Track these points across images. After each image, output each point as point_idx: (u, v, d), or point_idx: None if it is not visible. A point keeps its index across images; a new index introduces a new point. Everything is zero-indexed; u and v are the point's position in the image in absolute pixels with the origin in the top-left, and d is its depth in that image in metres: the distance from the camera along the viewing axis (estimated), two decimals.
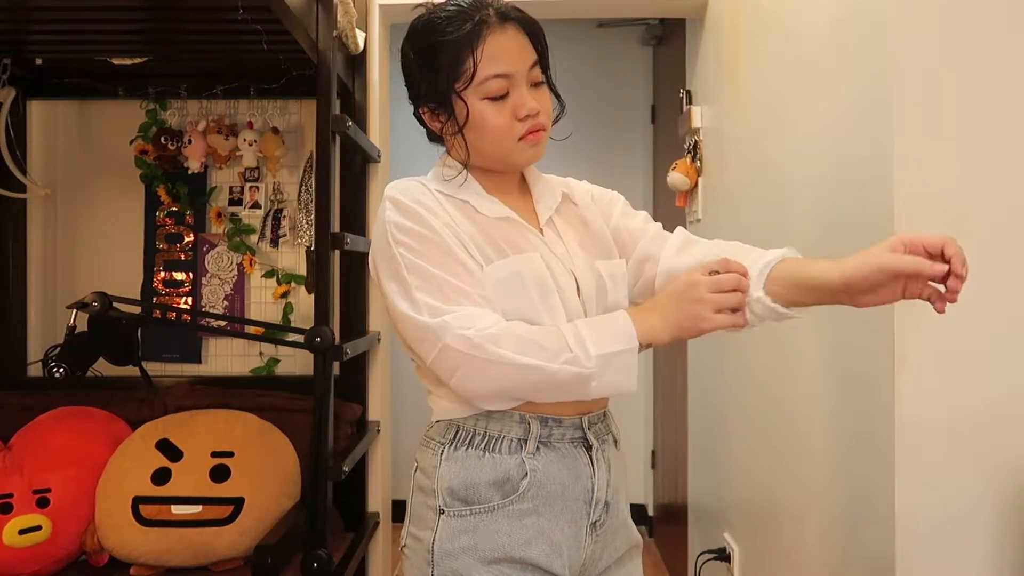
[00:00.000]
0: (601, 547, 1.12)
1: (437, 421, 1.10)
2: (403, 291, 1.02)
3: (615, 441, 1.16)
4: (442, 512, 1.05)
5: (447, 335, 0.98)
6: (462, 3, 1.07)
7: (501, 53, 1.05)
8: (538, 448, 1.06)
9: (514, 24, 1.07)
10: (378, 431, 2.33)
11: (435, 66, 1.06)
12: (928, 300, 0.95)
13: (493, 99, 1.06)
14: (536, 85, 1.09)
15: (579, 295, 1.10)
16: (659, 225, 1.23)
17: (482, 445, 1.05)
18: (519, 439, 1.05)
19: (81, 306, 2.10)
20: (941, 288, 0.93)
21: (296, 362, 2.52)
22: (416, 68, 1.10)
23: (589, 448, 1.09)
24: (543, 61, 1.10)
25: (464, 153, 1.09)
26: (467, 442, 1.06)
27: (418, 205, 1.05)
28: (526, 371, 0.97)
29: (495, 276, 1.04)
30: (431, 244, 1.03)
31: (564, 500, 1.07)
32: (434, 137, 1.16)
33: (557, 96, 1.14)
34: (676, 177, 2.36)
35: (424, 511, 1.07)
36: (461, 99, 1.06)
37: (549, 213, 1.15)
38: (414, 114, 1.15)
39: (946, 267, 0.90)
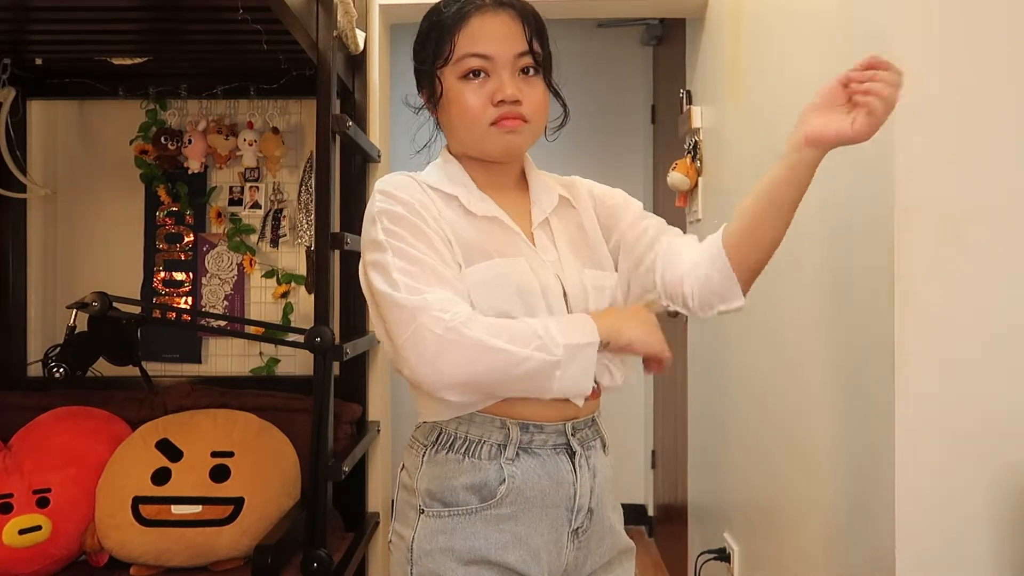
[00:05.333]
0: (584, 553, 1.10)
1: (423, 422, 1.10)
2: (385, 274, 1.01)
3: (604, 446, 1.14)
4: (422, 512, 1.05)
5: (423, 315, 0.97)
6: None
7: (483, 34, 1.04)
8: (518, 454, 1.05)
9: (509, 11, 1.06)
10: (378, 431, 2.33)
11: (426, 46, 1.09)
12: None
13: (470, 79, 1.05)
14: (526, 76, 1.07)
15: (567, 302, 1.08)
16: (657, 225, 1.19)
17: (462, 449, 1.05)
18: (499, 444, 1.05)
19: (81, 306, 2.09)
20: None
21: (296, 362, 2.52)
22: (414, 50, 1.12)
23: (572, 455, 1.08)
24: (539, 54, 1.07)
25: (448, 136, 1.11)
26: (448, 445, 1.06)
27: (407, 195, 1.05)
28: (496, 355, 0.96)
29: (479, 276, 1.03)
30: (418, 233, 1.02)
31: (544, 507, 1.06)
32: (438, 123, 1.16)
33: (558, 97, 1.13)
34: (676, 177, 2.36)
35: (407, 509, 1.08)
36: (438, 78, 1.07)
37: (544, 215, 1.13)
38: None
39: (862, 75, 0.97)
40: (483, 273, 1.04)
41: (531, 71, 1.07)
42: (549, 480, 1.06)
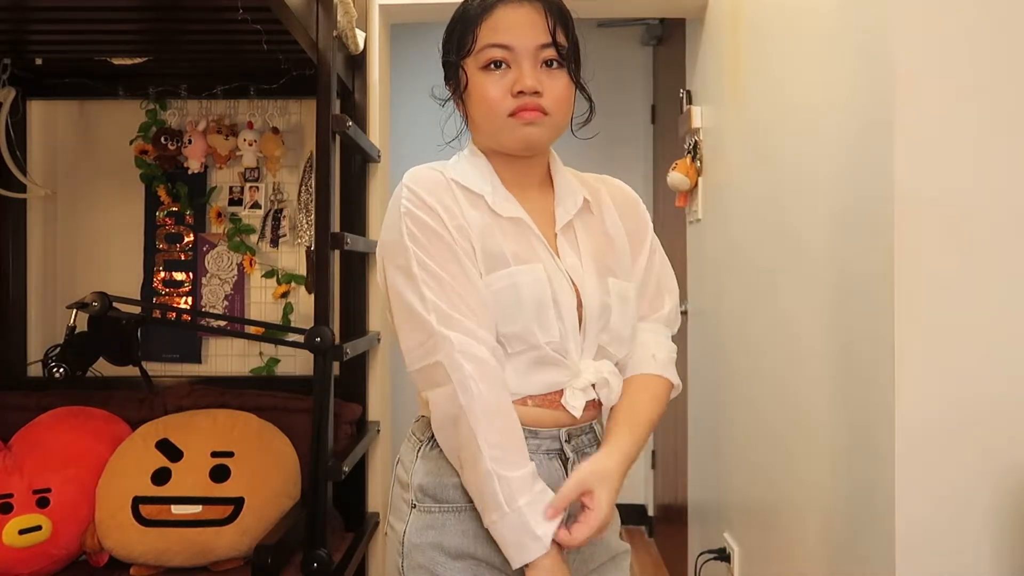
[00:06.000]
0: (573, 556, 1.09)
1: (422, 416, 1.11)
2: (411, 285, 1.02)
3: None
4: (414, 506, 1.07)
5: (443, 353, 0.98)
6: None
7: (505, 25, 1.04)
8: None
9: (534, 2, 1.06)
10: (378, 431, 2.33)
11: (452, 38, 1.10)
12: None
13: (492, 70, 1.05)
14: (550, 69, 1.06)
15: (580, 311, 1.07)
16: (651, 301, 1.20)
17: None
18: None
19: (81, 306, 2.09)
20: None
21: (296, 362, 2.52)
22: (442, 42, 1.12)
23: (565, 461, 1.07)
24: (562, 46, 1.06)
25: (471, 126, 1.11)
26: None
27: (434, 199, 1.04)
28: (470, 439, 0.97)
29: (494, 286, 1.03)
30: (441, 244, 1.02)
31: None
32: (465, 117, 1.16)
33: (584, 92, 1.12)
34: (676, 177, 2.36)
35: (400, 503, 1.10)
36: (463, 69, 1.07)
37: (568, 218, 1.11)
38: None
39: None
40: (499, 282, 1.03)
41: (554, 64, 1.06)
42: None
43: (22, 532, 1.89)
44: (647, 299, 1.18)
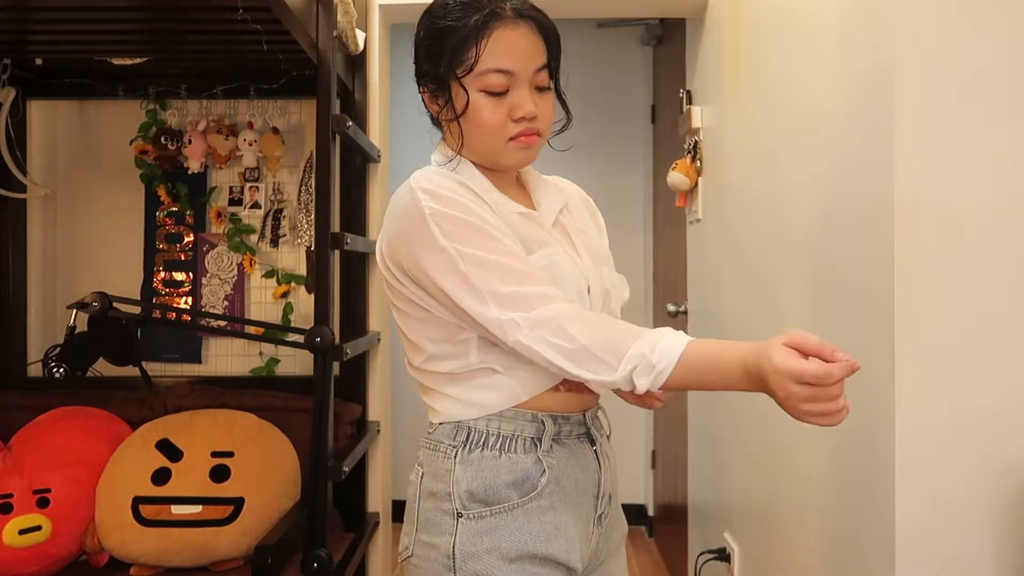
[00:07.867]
0: (605, 538, 1.13)
1: (441, 423, 1.08)
2: (463, 283, 0.99)
3: (609, 433, 1.18)
4: (460, 515, 1.03)
5: (519, 335, 0.96)
6: None
7: (507, 49, 1.03)
8: (551, 446, 1.06)
9: (528, 23, 1.05)
10: (378, 431, 2.33)
11: (439, 49, 1.05)
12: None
13: (491, 94, 1.04)
14: (541, 90, 1.06)
15: (589, 296, 1.09)
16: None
17: (497, 446, 1.05)
18: (533, 438, 1.06)
19: (81, 306, 2.10)
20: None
21: (296, 362, 2.52)
22: (421, 47, 1.09)
23: (593, 443, 1.12)
24: (552, 67, 1.07)
25: (457, 142, 1.08)
26: (481, 443, 1.05)
27: (455, 194, 1.02)
28: (597, 360, 0.95)
29: (536, 265, 1.03)
30: (480, 232, 1.00)
31: (577, 495, 1.08)
32: (436, 121, 1.14)
33: (564, 106, 1.12)
34: (676, 177, 2.36)
35: (437, 516, 1.05)
36: (462, 87, 1.04)
37: (555, 214, 1.14)
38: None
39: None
40: (540, 262, 1.04)
41: (545, 85, 1.08)
42: (580, 469, 1.09)
43: (22, 532, 1.89)
44: None
